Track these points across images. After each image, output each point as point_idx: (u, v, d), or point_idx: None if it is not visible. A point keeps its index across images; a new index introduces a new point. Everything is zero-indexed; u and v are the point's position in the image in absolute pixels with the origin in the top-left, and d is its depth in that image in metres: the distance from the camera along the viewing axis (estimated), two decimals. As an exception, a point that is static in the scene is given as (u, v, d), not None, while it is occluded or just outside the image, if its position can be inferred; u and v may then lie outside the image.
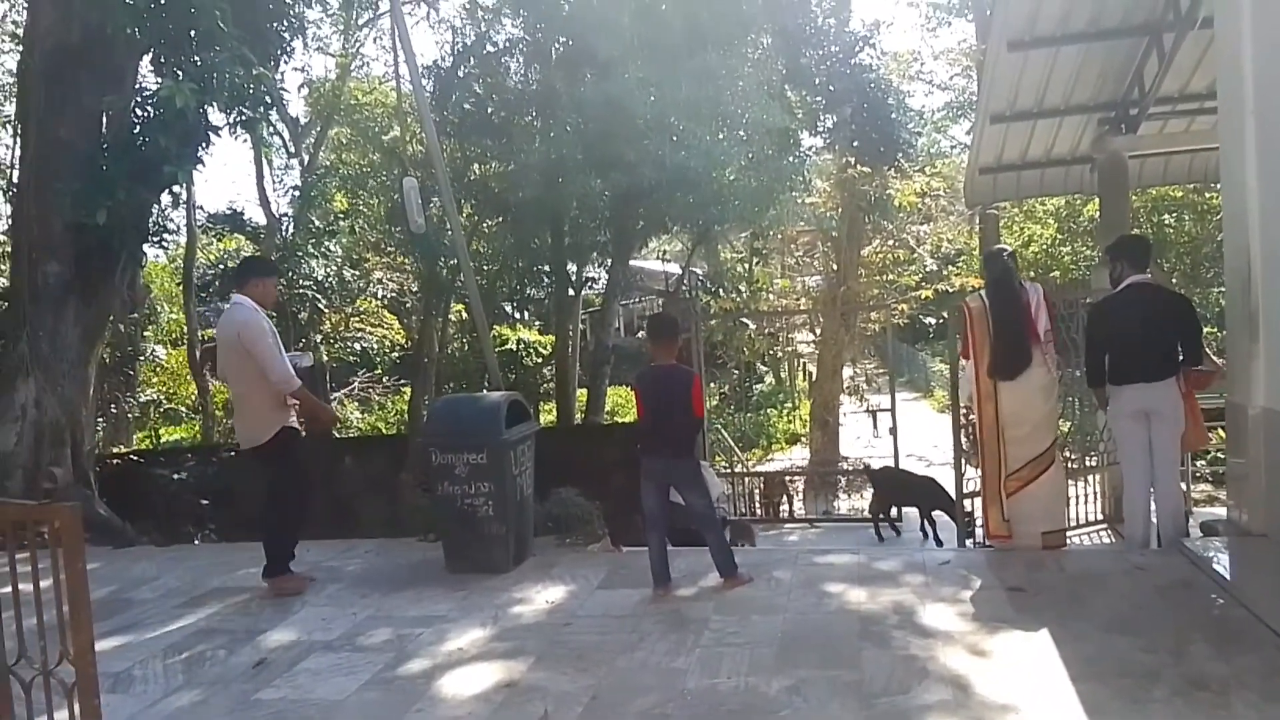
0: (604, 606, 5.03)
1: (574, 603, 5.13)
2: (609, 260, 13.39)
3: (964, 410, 7.04)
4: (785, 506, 10.64)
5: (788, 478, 11.35)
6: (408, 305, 21.51)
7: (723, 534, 5.43)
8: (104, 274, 8.42)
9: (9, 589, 2.91)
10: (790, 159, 12.42)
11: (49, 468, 7.53)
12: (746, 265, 18.89)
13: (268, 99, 8.75)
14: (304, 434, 5.88)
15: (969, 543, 7.18)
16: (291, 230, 20.62)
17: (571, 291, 13.35)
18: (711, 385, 15.44)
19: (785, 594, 4.98)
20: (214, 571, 6.23)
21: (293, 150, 22.74)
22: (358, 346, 20.01)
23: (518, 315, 23.01)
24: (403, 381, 19.73)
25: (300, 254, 19.46)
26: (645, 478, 5.18)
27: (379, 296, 21.60)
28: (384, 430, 18.65)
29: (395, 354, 20.91)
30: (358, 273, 21.52)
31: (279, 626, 5.00)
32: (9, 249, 11.89)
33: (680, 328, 5.91)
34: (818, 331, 15.18)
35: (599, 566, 5.80)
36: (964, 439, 7.33)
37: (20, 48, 11.76)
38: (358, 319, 20.44)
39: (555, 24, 11.16)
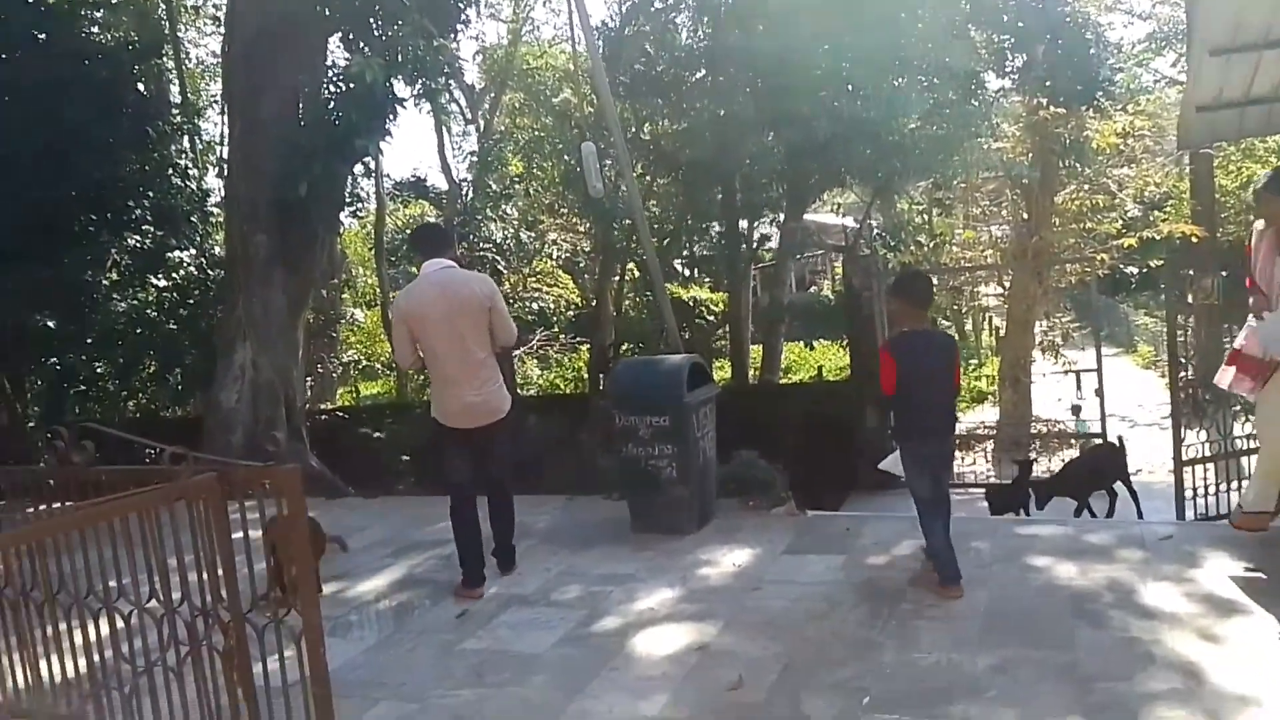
0: (791, 572, 4.95)
1: (760, 567, 5.08)
2: (782, 216, 13.11)
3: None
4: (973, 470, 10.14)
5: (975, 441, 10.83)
6: (582, 265, 21.92)
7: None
8: (306, 243, 8.98)
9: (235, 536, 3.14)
10: (975, 103, 11.70)
11: (271, 432, 8.14)
12: (927, 217, 18.09)
13: (447, 69, 9.02)
14: None
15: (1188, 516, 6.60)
16: (471, 195, 21.40)
17: (744, 248, 13.17)
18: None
19: (985, 567, 4.73)
20: (416, 524, 6.57)
21: (469, 117, 23.52)
22: (535, 306, 20.62)
23: (689, 273, 23.04)
24: (579, 340, 20.19)
25: (479, 218, 20.19)
26: (918, 463, 4.53)
27: (554, 257, 22.13)
28: (562, 387, 19.16)
29: (571, 313, 21.42)
30: (533, 234, 22.11)
31: (477, 580, 5.21)
32: (222, 221, 12.93)
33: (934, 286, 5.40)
34: (1006, 285, 14.35)
35: (784, 531, 5.72)
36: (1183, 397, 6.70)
37: (223, 31, 12.71)
38: (534, 279, 21.04)
39: (725, -24, 10.91)
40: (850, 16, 9.43)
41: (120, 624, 3.11)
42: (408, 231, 21.34)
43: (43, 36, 10.13)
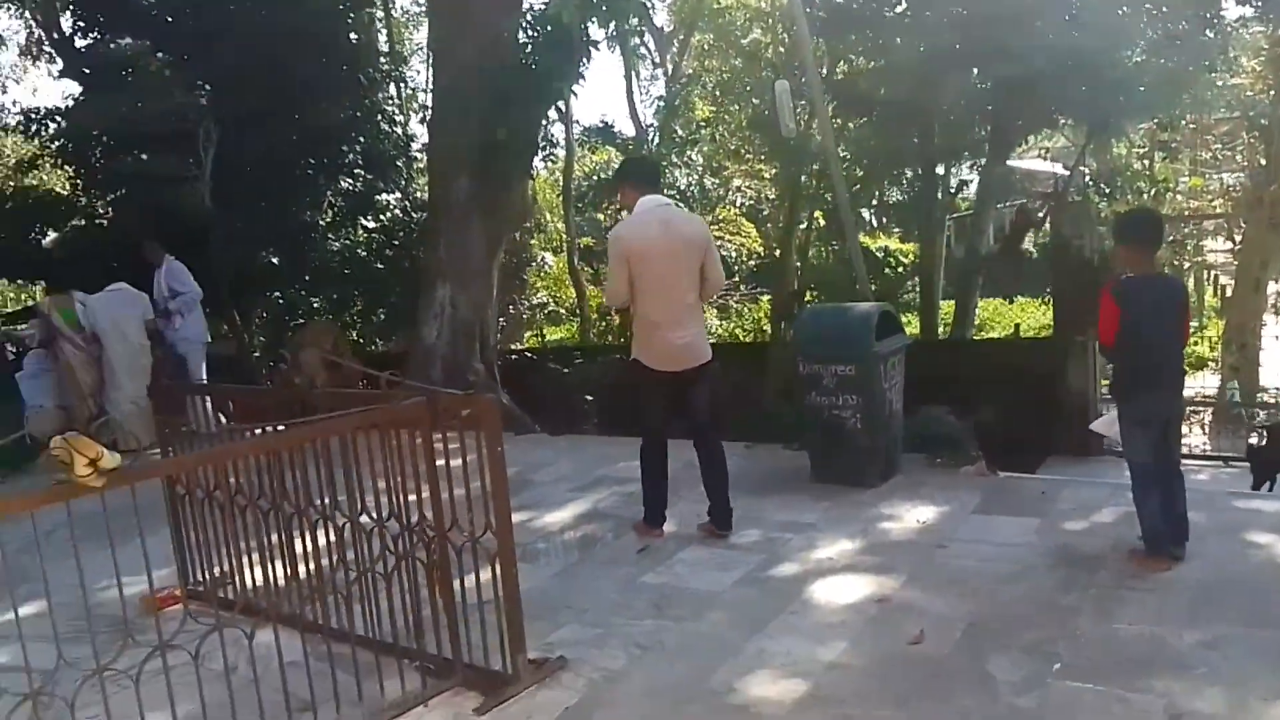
0: (981, 532, 4.77)
1: (948, 525, 4.92)
2: (983, 160, 12.39)
3: None
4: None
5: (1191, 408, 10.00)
6: (765, 214, 21.64)
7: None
8: (503, 187, 9.30)
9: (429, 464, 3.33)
10: (1211, 34, 10.57)
11: (473, 364, 8.59)
12: (1148, 162, 16.65)
13: (643, 7, 9.03)
14: None
15: None
16: (657, 140, 21.49)
17: (940, 195, 12.59)
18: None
19: (1199, 540, 4.37)
20: (599, 462, 6.78)
21: (658, 60, 23.47)
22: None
23: (877, 222, 22.27)
24: (759, 289, 20.03)
25: (665, 163, 20.27)
26: (1139, 423, 4.15)
27: (738, 204, 21.93)
28: (741, 337, 19.12)
29: (752, 262, 21.24)
30: (717, 180, 21.97)
31: (658, 518, 5.33)
32: (425, 166, 13.61)
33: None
34: (1237, 239, 13.04)
35: (973, 490, 5.50)
36: None
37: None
38: (717, 227, 20.95)
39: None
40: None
41: (334, 535, 3.38)
42: (599, 176, 21.70)
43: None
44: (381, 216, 12.70)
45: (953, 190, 14.10)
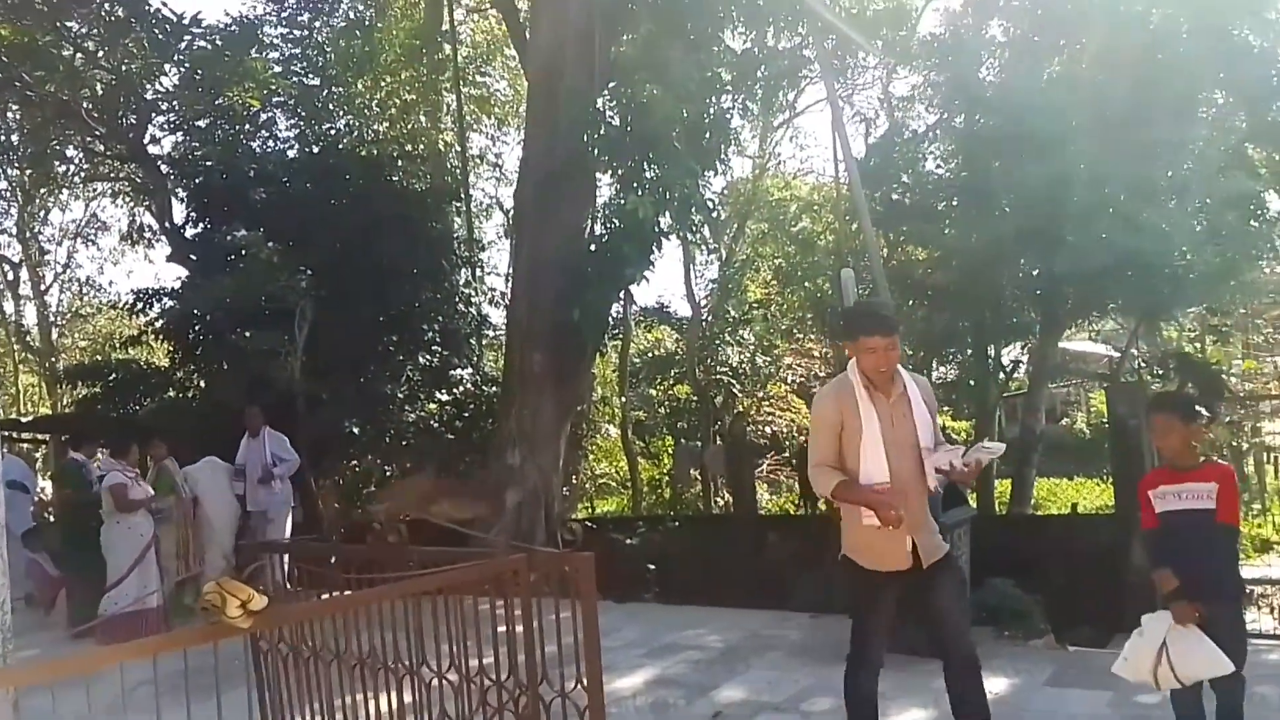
0: (1055, 703, 4.80)
1: (1020, 697, 4.95)
2: (1034, 340, 12.75)
3: None
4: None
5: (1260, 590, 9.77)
6: (814, 390, 21.94)
7: None
8: (575, 362, 9.88)
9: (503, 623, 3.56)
10: (1256, 224, 11.02)
11: (570, 522, 8.88)
12: (1199, 346, 16.85)
13: (708, 205, 9.81)
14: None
15: None
16: (710, 320, 22.30)
17: (993, 374, 12.90)
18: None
19: (1274, 713, 4.38)
20: (665, 629, 6.91)
21: (713, 246, 24.69)
22: (768, 430, 20.83)
23: (927, 401, 22.47)
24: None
25: (718, 342, 20.98)
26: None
27: (788, 381, 22.34)
28: (791, 510, 19.06)
29: (802, 437, 21.41)
30: (769, 359, 22.49)
31: (729, 684, 5.44)
32: (493, 343, 14.36)
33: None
34: (1296, 420, 13.07)
35: (1043, 662, 5.53)
36: None
37: (498, 177, 14.35)
38: (768, 403, 21.31)
39: (977, 106, 11.09)
40: (1120, 147, 9.31)
41: (422, 691, 3.56)
42: (652, 354, 22.44)
43: (355, 188, 11.97)
44: (454, 390, 13.32)
45: (1006, 370, 14.39)
